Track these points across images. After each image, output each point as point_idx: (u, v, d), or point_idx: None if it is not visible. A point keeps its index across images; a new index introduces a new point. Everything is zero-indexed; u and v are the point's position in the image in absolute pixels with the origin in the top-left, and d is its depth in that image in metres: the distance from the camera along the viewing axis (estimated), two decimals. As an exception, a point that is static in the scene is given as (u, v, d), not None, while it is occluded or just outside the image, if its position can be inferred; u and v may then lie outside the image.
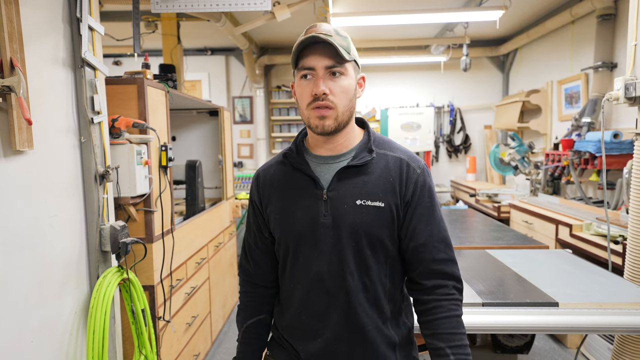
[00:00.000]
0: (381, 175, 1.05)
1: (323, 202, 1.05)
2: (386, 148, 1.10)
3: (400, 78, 6.06)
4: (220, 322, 3.33)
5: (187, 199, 2.88)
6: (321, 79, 1.00)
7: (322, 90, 0.99)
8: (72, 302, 1.58)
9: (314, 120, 1.02)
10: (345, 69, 1.02)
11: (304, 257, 1.07)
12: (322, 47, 0.99)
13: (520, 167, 4.22)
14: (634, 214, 1.92)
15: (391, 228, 1.05)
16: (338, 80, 1.01)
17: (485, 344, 1.94)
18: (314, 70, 1.00)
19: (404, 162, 1.08)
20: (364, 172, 1.06)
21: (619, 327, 1.51)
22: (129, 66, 5.81)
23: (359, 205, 1.04)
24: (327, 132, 1.03)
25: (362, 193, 1.04)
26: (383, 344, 1.07)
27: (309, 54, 1.00)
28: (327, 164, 1.09)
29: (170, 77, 2.44)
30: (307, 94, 1.01)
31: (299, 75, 1.03)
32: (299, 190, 1.08)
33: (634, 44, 1.91)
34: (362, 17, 3.54)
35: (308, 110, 1.03)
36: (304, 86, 1.02)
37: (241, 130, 6.17)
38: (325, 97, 0.99)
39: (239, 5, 2.45)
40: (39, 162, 1.41)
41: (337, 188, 1.05)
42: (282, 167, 1.12)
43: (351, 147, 1.09)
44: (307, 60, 1.00)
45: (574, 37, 4.19)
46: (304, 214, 1.06)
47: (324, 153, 1.10)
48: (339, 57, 1.00)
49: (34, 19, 1.40)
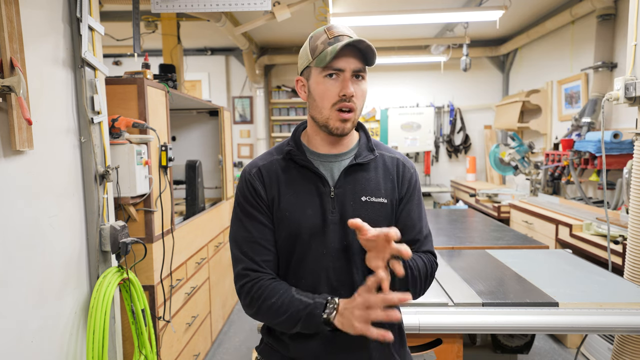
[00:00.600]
0: (383, 173, 1.12)
1: (330, 199, 1.08)
2: (382, 149, 1.17)
3: (400, 78, 6.06)
4: (220, 322, 3.33)
5: (187, 199, 2.88)
6: (349, 81, 1.03)
7: (352, 92, 1.02)
8: (72, 302, 1.58)
9: (335, 122, 1.04)
10: (366, 73, 1.07)
11: (313, 253, 1.07)
12: (351, 49, 1.02)
13: (520, 167, 4.22)
14: (634, 214, 1.92)
15: (390, 222, 1.11)
16: (360, 84, 1.05)
17: (485, 344, 1.94)
18: (343, 71, 1.03)
19: (400, 162, 1.16)
20: (368, 169, 1.11)
21: (619, 327, 1.51)
22: (129, 66, 5.81)
23: (364, 201, 1.08)
24: (345, 133, 1.06)
25: (367, 190, 1.09)
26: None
27: (342, 56, 1.02)
28: (329, 162, 1.11)
29: (170, 77, 2.44)
30: (334, 94, 1.03)
31: (324, 74, 1.04)
32: (307, 187, 1.09)
33: (634, 44, 1.91)
34: (362, 17, 3.54)
35: (330, 111, 1.04)
36: (330, 85, 1.03)
37: (241, 130, 6.17)
38: (351, 98, 1.03)
39: (239, 5, 2.45)
40: (39, 162, 1.41)
41: (344, 185, 1.09)
42: (285, 164, 1.12)
43: (351, 147, 1.14)
44: (339, 61, 1.02)
45: (574, 37, 4.19)
46: (314, 211, 1.07)
47: (325, 151, 1.12)
48: (365, 62, 1.04)
49: (34, 19, 1.40)
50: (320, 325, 0.97)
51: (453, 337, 1.54)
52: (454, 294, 1.66)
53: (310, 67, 1.07)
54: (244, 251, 1.08)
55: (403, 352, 1.18)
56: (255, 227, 1.08)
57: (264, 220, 1.09)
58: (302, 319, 0.99)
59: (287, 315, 1.01)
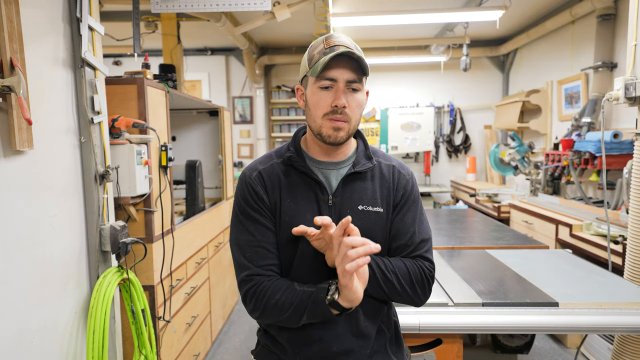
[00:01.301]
0: (380, 182, 1.13)
1: (328, 207, 1.08)
2: (379, 156, 1.17)
3: (400, 78, 6.06)
4: (220, 322, 3.33)
5: (187, 199, 2.88)
6: (342, 92, 1.03)
7: (344, 103, 1.02)
8: (72, 302, 1.58)
9: (327, 130, 1.05)
10: (362, 84, 1.06)
11: (311, 259, 1.07)
12: (346, 60, 1.02)
13: (520, 167, 4.22)
14: (634, 214, 1.92)
15: (386, 231, 1.12)
16: (355, 95, 1.05)
17: (485, 344, 1.94)
18: (335, 82, 1.03)
19: (396, 169, 1.16)
20: (365, 178, 1.12)
21: (619, 327, 1.51)
22: (129, 66, 5.81)
23: (361, 210, 1.09)
24: (338, 143, 1.07)
25: (364, 199, 1.10)
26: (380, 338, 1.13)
27: (335, 66, 1.02)
28: (328, 169, 1.12)
29: (170, 77, 2.44)
30: (326, 105, 1.04)
31: (318, 85, 1.04)
32: (306, 194, 1.09)
33: (634, 44, 1.91)
34: (362, 17, 3.54)
35: (323, 120, 1.05)
36: (323, 96, 1.04)
37: (241, 130, 6.18)
38: (344, 110, 1.03)
39: (239, 5, 2.45)
40: (39, 162, 1.41)
41: (342, 194, 1.09)
42: (285, 169, 1.11)
43: (349, 155, 1.14)
44: (332, 71, 1.02)
45: (574, 37, 4.19)
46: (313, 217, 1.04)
47: (324, 159, 1.12)
48: (360, 73, 1.04)
49: (34, 19, 1.40)
50: (326, 309, 0.97)
51: (453, 337, 1.54)
52: (454, 294, 1.66)
53: (307, 76, 1.07)
54: (247, 256, 1.06)
55: (400, 354, 1.18)
56: (259, 231, 1.07)
57: (267, 223, 1.08)
58: (308, 308, 0.99)
59: (293, 308, 1.00)
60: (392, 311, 1.19)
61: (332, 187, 1.10)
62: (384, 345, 1.13)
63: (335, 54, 1.00)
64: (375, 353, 1.11)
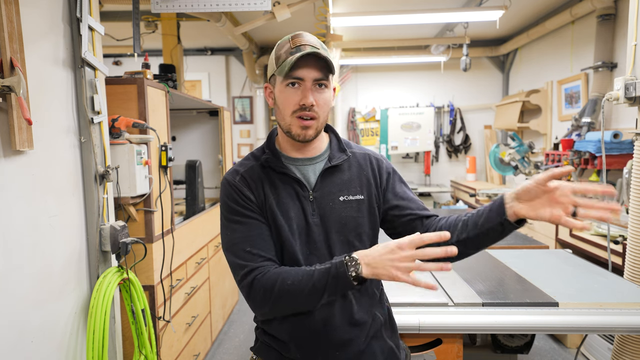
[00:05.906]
0: (357, 171, 1.17)
1: (310, 202, 1.11)
2: (353, 148, 1.22)
3: (401, 78, 6.06)
4: (220, 322, 3.33)
5: (187, 199, 2.88)
6: (309, 90, 1.04)
7: (311, 101, 1.04)
8: (72, 302, 1.58)
9: (296, 128, 1.07)
10: (329, 82, 1.08)
11: (298, 254, 1.09)
12: (313, 59, 1.04)
13: (520, 167, 4.22)
14: (634, 214, 1.92)
15: (371, 216, 1.15)
16: (322, 93, 1.07)
17: (485, 344, 1.94)
18: (302, 80, 1.04)
19: (372, 157, 1.21)
20: (342, 170, 1.15)
21: (619, 327, 1.51)
22: (129, 66, 5.81)
23: (343, 200, 1.12)
24: (308, 140, 1.09)
25: (343, 190, 1.13)
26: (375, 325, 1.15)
27: (302, 65, 1.03)
28: (304, 165, 1.14)
29: (170, 77, 2.44)
30: (294, 103, 1.05)
31: (285, 83, 1.06)
32: (287, 191, 1.11)
33: (634, 44, 1.91)
34: (362, 17, 3.54)
35: (291, 118, 1.07)
36: (290, 94, 1.06)
37: (241, 130, 6.17)
38: (312, 107, 1.05)
39: (239, 5, 2.46)
40: (39, 162, 1.41)
41: (321, 188, 1.12)
42: (264, 170, 1.13)
43: (323, 149, 1.17)
44: (299, 71, 1.03)
45: (574, 37, 4.19)
46: (296, 214, 1.10)
47: (298, 155, 1.15)
48: (327, 71, 1.06)
49: (34, 19, 1.40)
50: (350, 283, 0.97)
51: (453, 337, 1.54)
52: (454, 294, 1.66)
53: (275, 75, 1.09)
54: (246, 250, 1.05)
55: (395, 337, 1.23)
56: (253, 224, 1.08)
57: (260, 218, 1.09)
58: (329, 284, 0.98)
59: (310, 288, 0.98)
60: (384, 297, 1.23)
61: (311, 182, 1.13)
62: (379, 331, 1.17)
63: (302, 54, 1.01)
64: (371, 339, 1.14)
